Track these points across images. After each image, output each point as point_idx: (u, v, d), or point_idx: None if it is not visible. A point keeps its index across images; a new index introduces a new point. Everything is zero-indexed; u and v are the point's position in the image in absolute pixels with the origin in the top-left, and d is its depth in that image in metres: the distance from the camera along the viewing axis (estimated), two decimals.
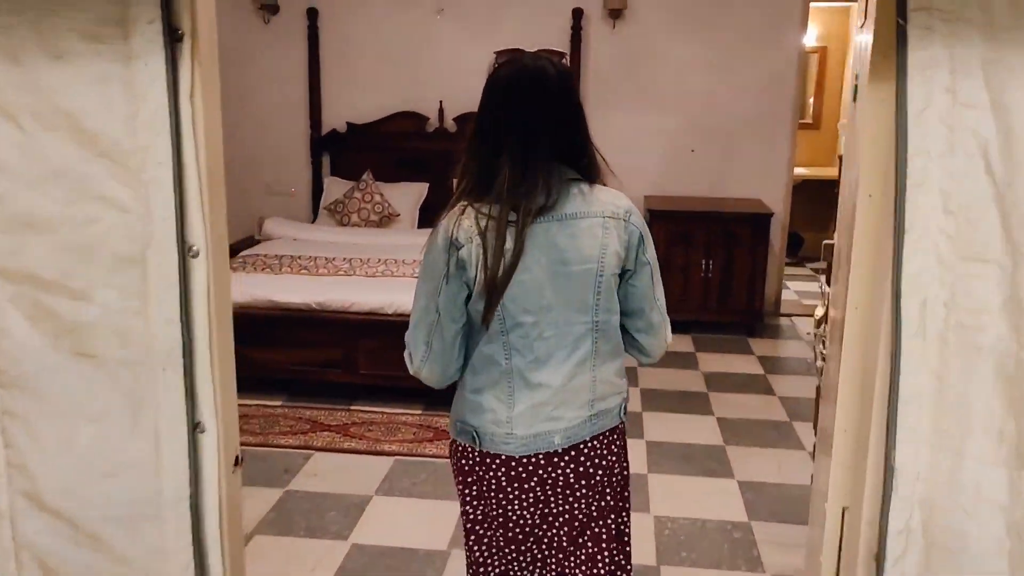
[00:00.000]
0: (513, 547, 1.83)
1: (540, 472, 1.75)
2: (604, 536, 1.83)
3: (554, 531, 1.81)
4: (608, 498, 1.82)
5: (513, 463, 1.73)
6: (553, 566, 1.84)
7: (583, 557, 1.82)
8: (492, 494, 1.78)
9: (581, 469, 1.77)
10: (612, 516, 1.84)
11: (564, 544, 1.82)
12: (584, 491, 1.79)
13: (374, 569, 3.06)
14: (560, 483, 1.76)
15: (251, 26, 6.01)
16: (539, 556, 1.83)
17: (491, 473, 1.76)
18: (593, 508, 1.81)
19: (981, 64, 1.17)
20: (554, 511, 1.79)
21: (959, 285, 1.19)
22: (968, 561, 1.24)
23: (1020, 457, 1.22)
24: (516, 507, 1.78)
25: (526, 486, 1.76)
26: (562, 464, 1.75)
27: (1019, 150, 1.17)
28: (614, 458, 1.82)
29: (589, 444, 1.76)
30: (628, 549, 1.90)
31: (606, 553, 1.83)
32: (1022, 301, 1.19)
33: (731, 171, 5.93)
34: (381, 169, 5.93)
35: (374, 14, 5.93)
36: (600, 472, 1.79)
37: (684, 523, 3.37)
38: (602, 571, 1.82)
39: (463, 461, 1.80)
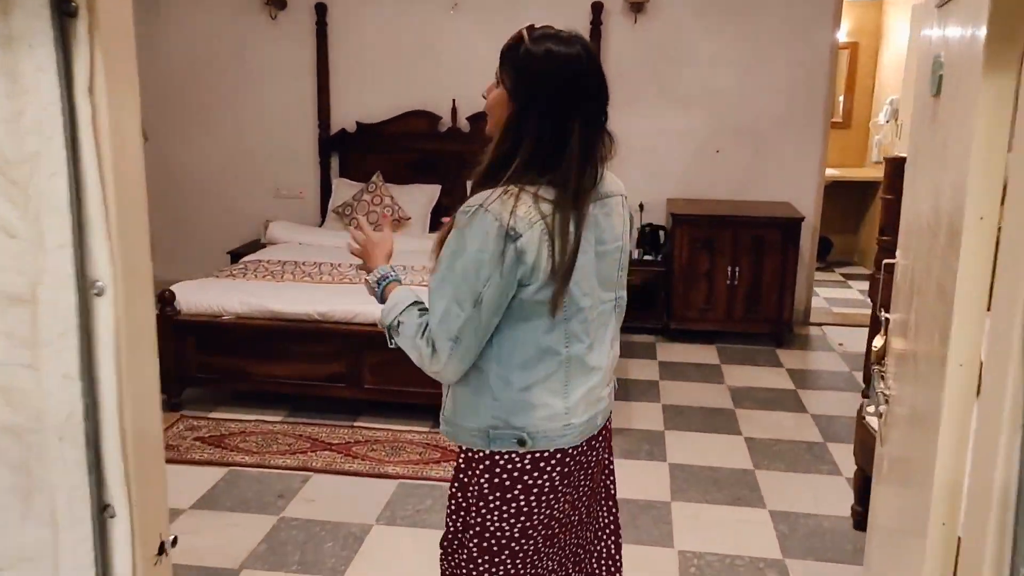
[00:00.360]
0: (549, 544, 1.73)
1: (583, 458, 1.71)
2: (613, 491, 1.91)
3: (576, 514, 1.79)
4: (611, 461, 1.88)
5: (567, 458, 1.66)
6: (566, 542, 1.80)
7: (585, 515, 1.85)
8: (543, 499, 1.65)
9: (607, 444, 1.80)
10: (609, 473, 1.89)
11: (583, 518, 1.82)
12: (606, 465, 1.83)
13: None
14: (595, 465, 1.76)
15: (257, 22, 5.72)
16: (560, 540, 1.79)
17: (544, 477, 1.64)
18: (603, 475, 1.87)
19: None
20: (581, 495, 1.76)
21: None
22: None
23: None
24: (562, 504, 1.70)
25: (573, 478, 1.70)
26: (599, 446, 1.75)
27: None
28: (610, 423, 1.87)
29: (609, 418, 1.79)
30: None
31: (614, 509, 1.91)
32: None
33: (759, 173, 5.58)
34: (391, 170, 5.63)
35: (385, 9, 5.63)
36: (609, 441, 1.84)
37: (712, 560, 3.03)
38: (612, 525, 1.91)
39: (504, 475, 1.63)
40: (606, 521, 1.90)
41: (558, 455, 1.64)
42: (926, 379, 1.17)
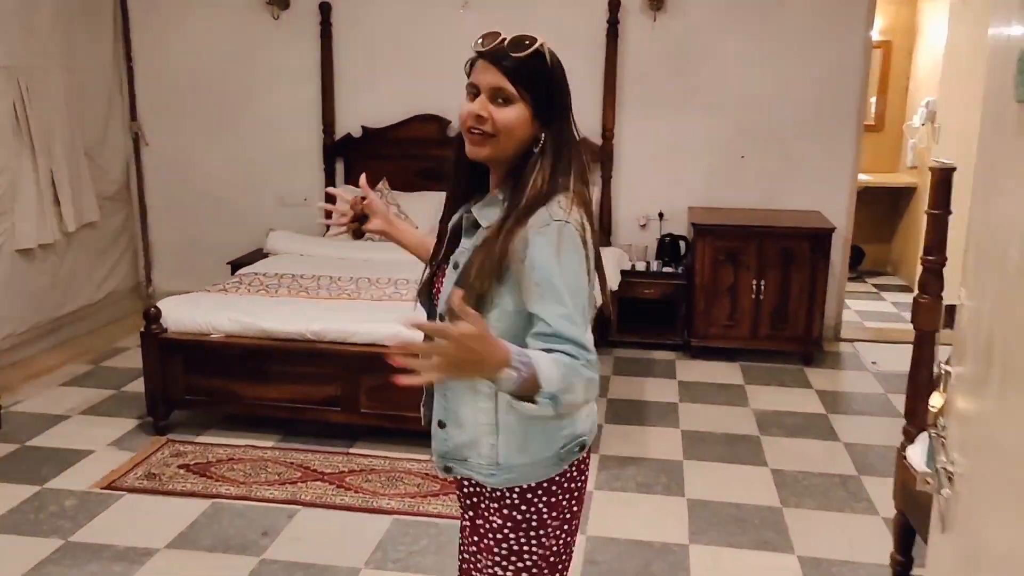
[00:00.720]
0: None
1: None
2: None
3: None
4: None
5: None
6: None
7: None
8: (580, 501, 1.65)
9: None
10: None
11: None
12: None
13: None
14: None
15: (259, 22, 5.46)
16: None
17: (583, 477, 1.65)
18: None
19: None
20: None
21: None
22: None
23: None
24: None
25: None
26: None
27: None
28: None
29: None
30: None
31: None
32: None
33: (786, 180, 5.22)
34: (399, 177, 5.35)
35: (392, 9, 5.34)
36: None
37: None
38: None
39: (560, 491, 1.59)
40: None
41: (588, 451, 1.64)
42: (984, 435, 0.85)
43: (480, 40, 1.51)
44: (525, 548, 1.58)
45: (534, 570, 1.60)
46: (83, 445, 3.81)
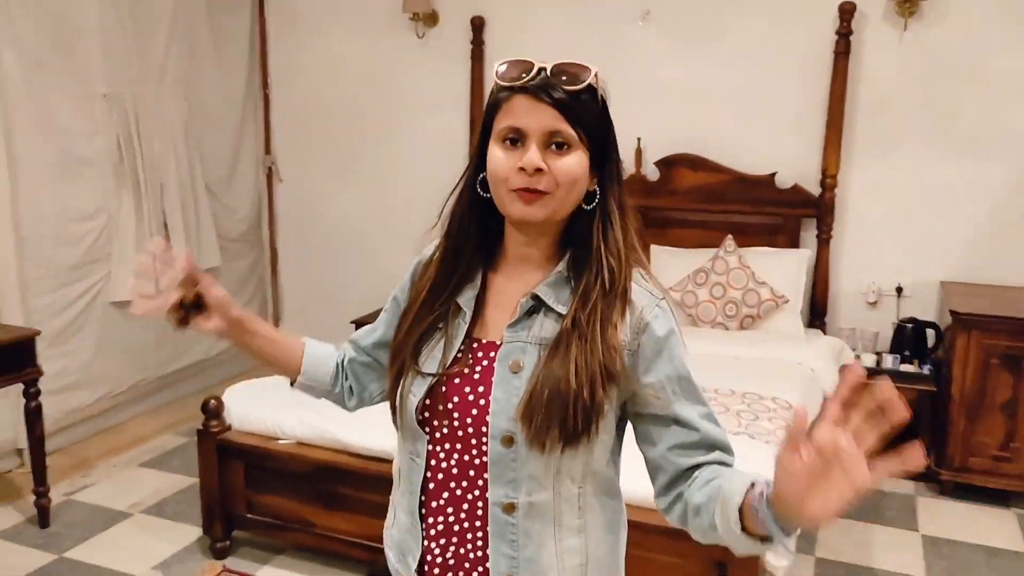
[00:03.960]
0: None
1: None
2: None
3: None
4: None
5: None
6: None
7: None
8: None
9: None
10: None
11: None
12: None
13: None
14: None
15: (403, 42, 4.52)
16: None
17: None
18: None
19: None
20: None
21: None
22: None
23: None
24: None
25: None
26: None
27: None
28: None
29: None
30: None
31: None
32: None
33: None
34: None
35: (556, 22, 4.22)
36: None
37: None
38: None
39: None
40: None
41: None
42: None
43: (511, 69, 1.05)
44: None
45: None
46: (125, 566, 2.93)
